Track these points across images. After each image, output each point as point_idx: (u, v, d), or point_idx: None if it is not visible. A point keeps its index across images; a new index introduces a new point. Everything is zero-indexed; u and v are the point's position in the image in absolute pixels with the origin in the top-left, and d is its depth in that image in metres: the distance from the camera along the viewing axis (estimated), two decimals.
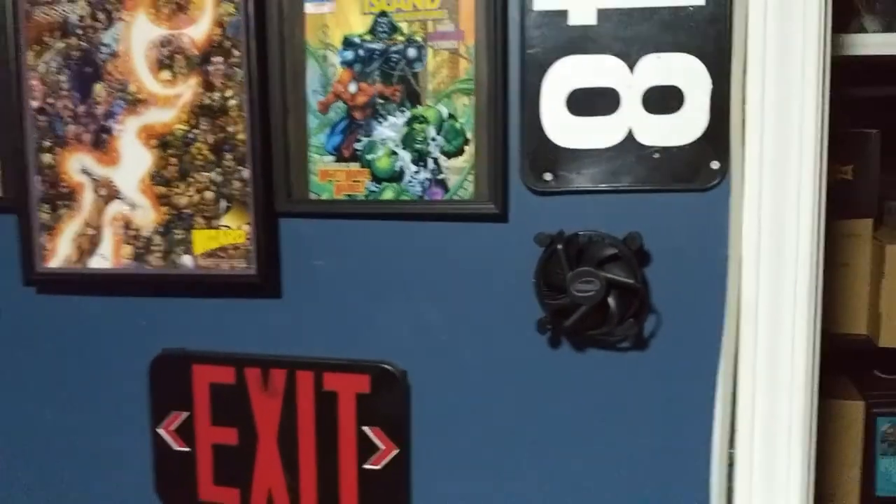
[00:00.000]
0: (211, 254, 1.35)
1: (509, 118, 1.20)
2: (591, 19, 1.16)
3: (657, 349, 1.20)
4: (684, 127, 1.15)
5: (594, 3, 1.15)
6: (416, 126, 1.24)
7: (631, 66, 1.15)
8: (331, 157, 1.30)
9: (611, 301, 1.15)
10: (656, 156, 1.16)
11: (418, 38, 1.23)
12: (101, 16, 1.36)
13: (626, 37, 1.15)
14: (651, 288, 1.18)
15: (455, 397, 1.29)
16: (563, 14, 1.16)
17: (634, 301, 1.16)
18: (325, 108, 1.29)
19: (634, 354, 1.20)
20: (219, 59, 1.31)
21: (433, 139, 1.24)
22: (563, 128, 1.18)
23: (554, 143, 1.19)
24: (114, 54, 1.36)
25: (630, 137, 1.17)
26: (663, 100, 1.15)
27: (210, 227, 1.35)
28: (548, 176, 1.20)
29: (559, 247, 1.16)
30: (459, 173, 1.23)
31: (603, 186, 1.18)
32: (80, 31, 1.37)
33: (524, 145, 1.20)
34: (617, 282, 1.14)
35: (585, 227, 1.18)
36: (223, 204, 1.34)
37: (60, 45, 1.39)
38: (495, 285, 1.24)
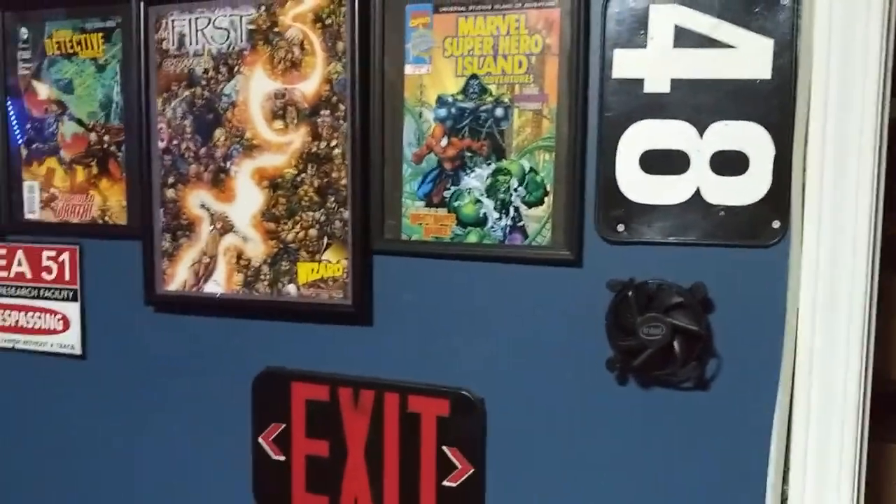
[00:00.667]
0: (312, 284, 1.51)
1: (586, 173, 1.32)
2: (664, 87, 1.27)
3: (717, 391, 1.30)
4: (748, 188, 1.25)
5: (668, 74, 1.27)
6: (500, 178, 1.38)
7: (700, 131, 1.26)
8: (421, 203, 1.44)
9: (676, 345, 1.26)
10: (721, 213, 1.27)
11: (505, 100, 1.36)
12: (223, 69, 1.54)
13: (696, 104, 1.26)
14: (714, 334, 1.28)
15: (528, 424, 1.41)
16: (639, 82, 1.28)
17: (698, 346, 1.27)
18: (418, 158, 1.43)
19: (696, 395, 1.31)
20: (326, 112, 1.47)
21: (515, 190, 1.37)
22: (635, 184, 1.30)
23: (627, 198, 1.30)
24: (233, 104, 1.54)
25: (698, 195, 1.27)
26: (729, 163, 1.25)
27: (313, 261, 1.51)
28: (620, 227, 1.31)
29: (630, 293, 1.27)
30: (538, 222, 1.36)
31: (671, 239, 1.29)
32: (204, 82, 1.55)
33: (599, 198, 1.32)
34: (682, 328, 1.25)
35: (654, 275, 1.29)
36: (325, 241, 1.49)
37: (186, 93, 1.57)
38: (568, 325, 1.36)
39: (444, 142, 1.41)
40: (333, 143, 1.47)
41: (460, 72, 1.39)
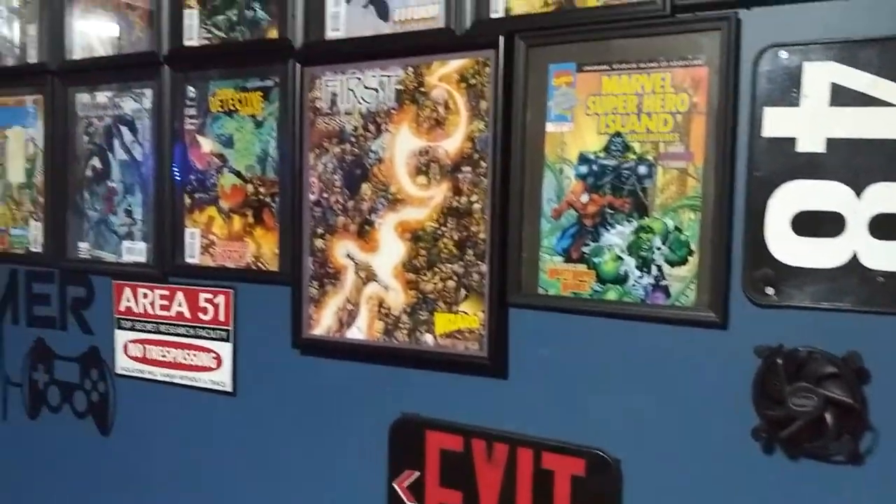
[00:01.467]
0: (449, 335, 1.54)
1: (733, 234, 1.29)
2: (819, 147, 1.23)
3: (872, 466, 1.22)
4: None
5: (824, 133, 1.22)
6: (643, 235, 1.36)
7: (858, 193, 1.20)
8: (560, 258, 1.45)
9: (828, 417, 1.19)
10: (880, 279, 1.20)
11: (649, 157, 1.35)
12: (371, 127, 1.61)
13: (854, 165, 1.20)
14: (869, 406, 1.21)
15: (666, 489, 1.37)
16: (791, 141, 1.24)
17: (852, 418, 1.20)
18: (557, 214, 1.44)
19: (849, 470, 1.23)
20: (468, 168, 1.51)
21: (658, 248, 1.35)
22: (787, 246, 1.25)
23: (777, 260, 1.26)
24: (380, 160, 1.61)
25: (854, 260, 1.21)
26: (890, 226, 1.19)
27: (450, 312, 1.54)
28: (769, 290, 1.27)
29: (778, 360, 1.22)
30: (682, 281, 1.33)
31: (824, 305, 1.23)
32: (353, 139, 1.63)
33: (747, 259, 1.28)
34: (835, 399, 1.19)
35: (805, 342, 1.23)
36: (463, 292, 1.52)
37: (337, 149, 1.65)
38: (711, 389, 1.32)
39: (584, 198, 1.42)
40: (474, 198, 1.51)
41: (603, 129, 1.39)
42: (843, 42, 1.21)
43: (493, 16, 1.48)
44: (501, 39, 1.44)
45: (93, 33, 2.00)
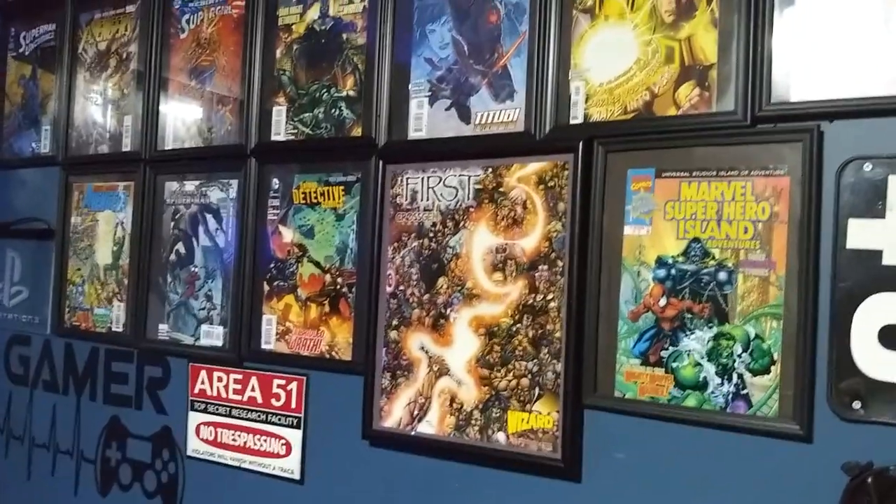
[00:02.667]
0: (522, 434, 1.53)
1: (818, 344, 1.27)
2: None
3: None
4: None
5: None
6: (723, 342, 1.35)
7: None
8: (637, 361, 1.44)
9: None
10: None
11: (729, 264, 1.35)
12: (450, 223, 1.66)
13: None
14: None
15: None
16: (877, 254, 1.23)
17: None
18: (635, 316, 1.44)
19: None
20: (544, 267, 1.53)
21: (739, 356, 1.34)
22: (873, 360, 1.23)
23: (864, 374, 1.23)
24: (457, 255, 1.64)
25: None
26: None
27: (523, 411, 1.53)
28: (856, 405, 1.24)
29: (868, 479, 1.18)
30: (764, 391, 1.31)
31: None
32: (431, 234, 1.68)
33: (832, 372, 1.26)
34: None
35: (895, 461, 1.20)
36: (536, 391, 1.52)
37: (415, 244, 1.70)
38: None
39: (662, 301, 1.42)
40: (550, 296, 1.52)
41: (681, 234, 1.40)
42: None
43: (572, 122, 1.52)
44: (581, 144, 1.48)
45: (184, 126, 2.12)
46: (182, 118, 2.13)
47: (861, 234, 1.25)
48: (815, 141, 1.27)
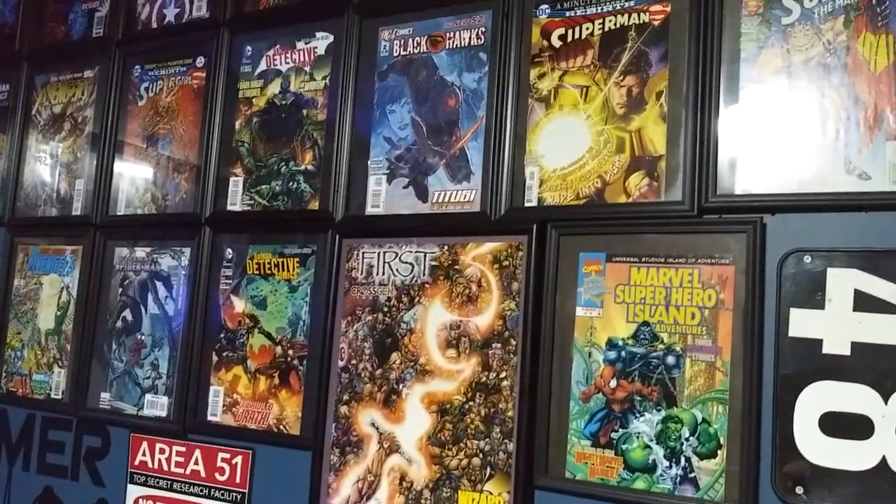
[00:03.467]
0: None
1: (762, 430, 1.31)
2: (845, 350, 1.27)
3: None
4: None
5: (848, 337, 1.27)
6: (671, 425, 1.38)
7: (885, 398, 1.23)
8: (588, 442, 1.45)
9: None
10: None
11: (677, 349, 1.39)
12: (405, 299, 1.67)
13: (880, 370, 1.24)
14: None
15: None
16: (817, 343, 1.29)
17: None
18: (586, 397, 1.47)
19: None
20: (498, 345, 1.55)
21: (687, 439, 1.36)
22: (815, 446, 1.27)
23: (806, 460, 1.27)
24: (411, 331, 1.65)
25: (884, 464, 1.22)
26: None
27: (474, 490, 1.53)
28: (799, 489, 1.27)
29: None
30: (711, 475, 1.34)
31: None
32: (386, 309, 1.68)
33: (776, 457, 1.29)
34: None
35: None
36: (488, 471, 1.52)
37: (369, 318, 1.70)
38: None
39: (613, 383, 1.44)
40: (503, 374, 1.53)
41: (631, 318, 1.44)
42: (864, 251, 1.27)
43: (527, 204, 1.56)
44: (535, 227, 1.52)
45: (138, 192, 2.10)
46: (136, 184, 2.12)
47: (802, 323, 1.30)
48: (758, 232, 1.33)
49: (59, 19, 2.38)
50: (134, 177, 2.13)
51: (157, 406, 1.98)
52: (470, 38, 1.66)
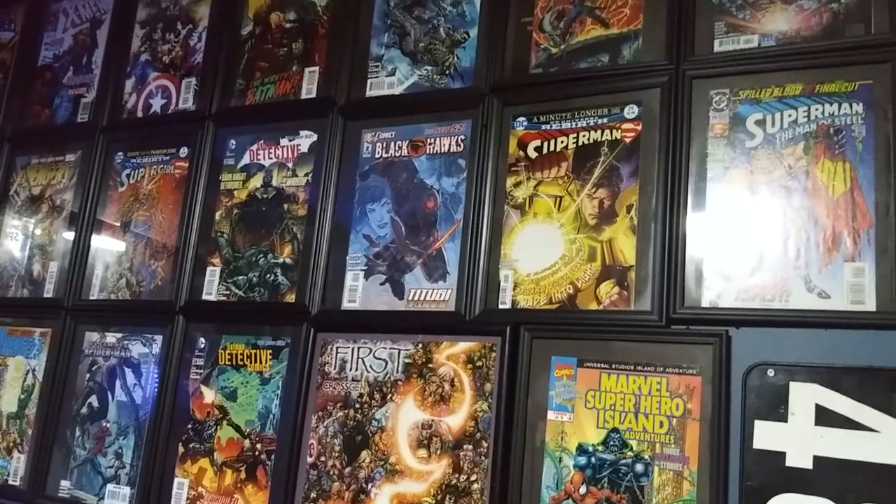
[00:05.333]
0: None
1: None
2: (807, 463, 1.30)
3: None
4: None
5: (810, 450, 1.30)
6: None
7: None
8: None
9: None
10: None
11: (646, 456, 1.41)
12: (377, 396, 1.68)
13: (842, 484, 1.27)
14: None
15: None
16: (781, 455, 1.32)
17: None
18: (556, 502, 1.47)
19: None
20: (469, 446, 1.56)
21: None
22: None
23: None
24: (382, 428, 1.65)
25: None
26: None
27: None
28: None
29: None
30: None
31: None
32: (357, 406, 1.69)
33: None
34: None
35: None
36: None
37: (340, 414, 1.70)
38: None
39: (582, 489, 1.45)
40: (473, 477, 1.54)
41: (601, 424, 1.47)
42: (825, 367, 1.32)
43: (501, 306, 1.60)
44: (508, 329, 1.55)
45: (112, 277, 2.11)
46: (111, 269, 2.12)
47: (766, 435, 1.34)
48: (723, 345, 1.38)
49: (44, 102, 2.42)
50: (109, 261, 2.13)
51: (119, 497, 1.93)
52: (450, 144, 1.72)
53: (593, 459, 1.46)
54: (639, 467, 1.42)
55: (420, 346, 1.65)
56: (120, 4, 2.35)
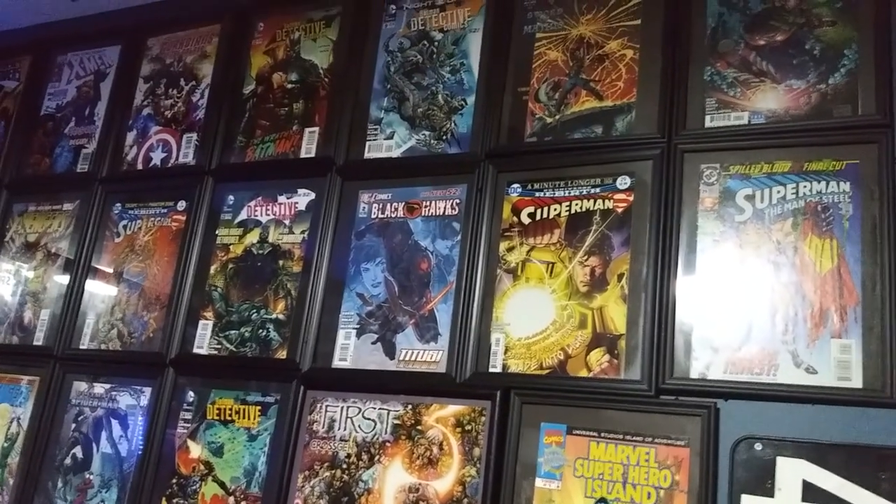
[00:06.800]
0: None
1: None
2: None
3: None
4: None
5: None
6: None
7: None
8: None
9: None
10: None
11: None
12: (364, 456, 1.67)
13: None
14: None
15: None
16: None
17: None
18: None
19: None
20: None
21: None
22: None
23: None
24: (368, 490, 1.64)
25: None
26: None
27: None
28: None
29: None
30: None
31: None
32: (345, 466, 1.68)
33: None
34: None
35: None
36: None
37: (327, 474, 1.69)
38: None
39: None
40: None
41: (589, 493, 1.46)
42: (812, 443, 1.33)
43: (491, 370, 1.60)
44: (499, 393, 1.56)
45: (104, 327, 2.10)
46: (102, 319, 2.12)
47: None
48: (712, 417, 1.39)
49: (45, 151, 2.45)
50: (101, 311, 2.13)
51: None
52: (445, 207, 1.75)
53: None
54: None
55: (409, 406, 1.65)
56: (125, 59, 2.40)
